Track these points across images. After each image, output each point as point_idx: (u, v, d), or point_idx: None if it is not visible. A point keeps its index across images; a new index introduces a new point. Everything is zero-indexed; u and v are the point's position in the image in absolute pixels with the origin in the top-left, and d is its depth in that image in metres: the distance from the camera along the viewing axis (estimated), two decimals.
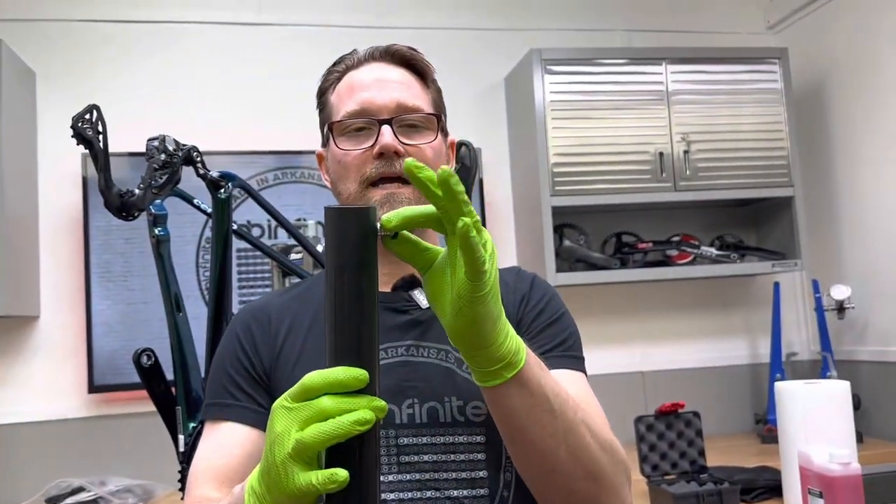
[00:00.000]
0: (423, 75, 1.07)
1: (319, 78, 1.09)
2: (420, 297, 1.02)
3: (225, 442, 0.96)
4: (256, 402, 0.98)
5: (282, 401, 0.67)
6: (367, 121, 1.00)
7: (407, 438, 0.94)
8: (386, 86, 1.01)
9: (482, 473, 0.95)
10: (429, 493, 0.93)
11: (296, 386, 0.66)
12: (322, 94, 1.08)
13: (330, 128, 1.03)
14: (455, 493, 0.93)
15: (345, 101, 1.02)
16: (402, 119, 1.00)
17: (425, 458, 0.94)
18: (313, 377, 0.65)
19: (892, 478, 2.53)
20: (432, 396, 0.96)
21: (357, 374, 0.66)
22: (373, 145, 0.98)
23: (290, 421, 0.65)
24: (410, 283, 1.03)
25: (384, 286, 1.01)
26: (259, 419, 0.96)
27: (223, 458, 0.95)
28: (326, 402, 0.64)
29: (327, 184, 1.08)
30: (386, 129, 0.98)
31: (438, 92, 1.10)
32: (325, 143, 1.07)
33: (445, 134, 1.09)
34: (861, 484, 1.56)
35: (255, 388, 0.99)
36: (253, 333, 1.01)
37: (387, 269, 1.03)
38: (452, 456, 0.95)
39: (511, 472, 0.98)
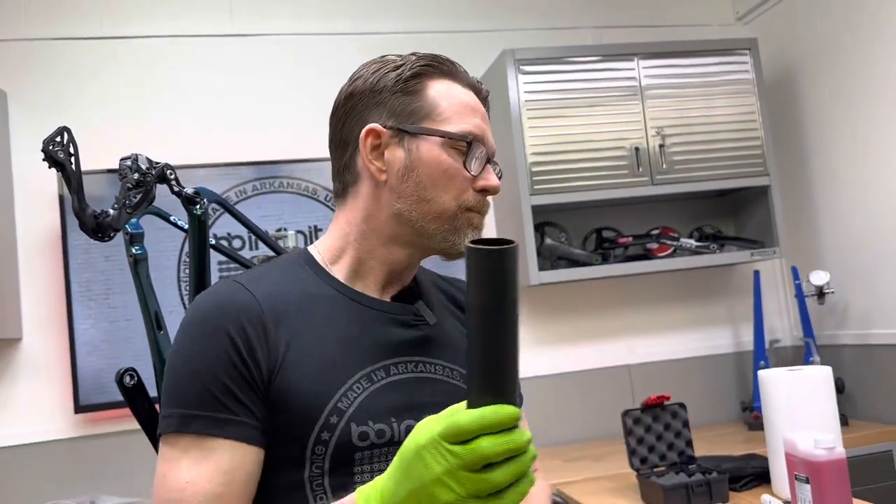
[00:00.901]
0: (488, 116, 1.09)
1: (412, 61, 1.00)
2: (426, 313, 1.02)
3: (225, 465, 0.86)
4: (255, 415, 0.88)
5: (433, 438, 0.69)
6: (487, 153, 1.00)
7: None
8: (487, 119, 1.04)
9: None
10: None
11: (447, 425, 0.69)
12: (406, 77, 0.99)
13: (451, 132, 0.97)
14: None
15: (461, 114, 0.99)
16: (493, 160, 1.03)
17: None
18: (469, 419, 0.68)
19: (877, 459, 2.58)
20: None
21: (513, 413, 0.69)
22: (477, 175, 0.99)
23: (451, 464, 0.68)
24: (409, 293, 1.03)
25: (383, 293, 1.01)
26: (258, 436, 0.89)
27: (225, 484, 0.86)
28: (486, 445, 0.67)
29: (370, 166, 0.98)
30: (491, 167, 1.01)
31: None
32: (397, 129, 0.97)
33: None
34: (846, 468, 1.59)
35: (253, 399, 0.88)
36: (248, 336, 0.89)
37: (394, 282, 1.03)
38: None
39: None
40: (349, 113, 1.01)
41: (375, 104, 0.99)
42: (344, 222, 1.02)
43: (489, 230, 2.97)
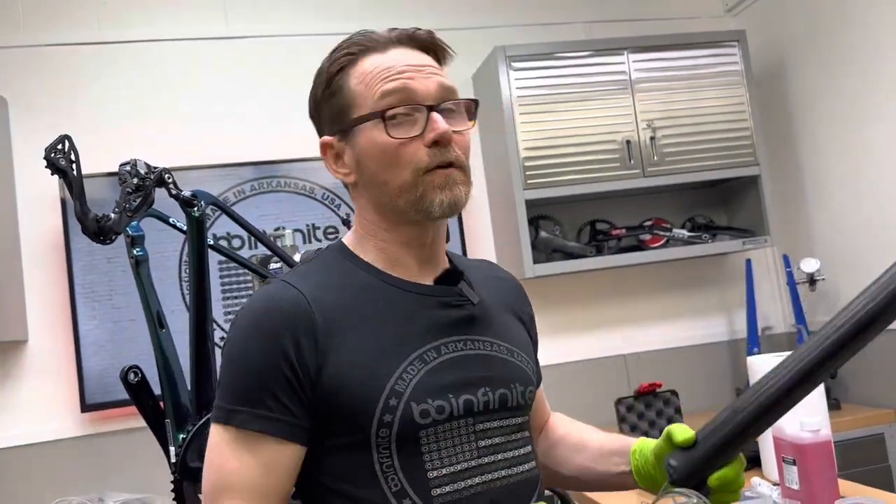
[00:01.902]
0: (444, 60, 1.04)
1: (326, 59, 1.03)
2: (469, 293, 1.04)
3: (265, 458, 0.91)
4: (294, 414, 0.92)
5: None
6: (414, 107, 0.96)
7: (482, 424, 0.99)
8: (422, 69, 0.98)
9: (530, 447, 1.06)
10: (503, 472, 0.99)
11: None
12: (330, 80, 1.01)
13: (365, 115, 0.97)
14: (521, 467, 1.02)
15: (377, 86, 0.97)
16: (445, 104, 0.98)
17: (497, 440, 1.00)
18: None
19: (869, 442, 2.63)
20: (501, 384, 1.02)
21: None
22: (420, 134, 0.95)
23: None
24: (451, 276, 1.04)
25: (425, 279, 1.03)
26: (298, 434, 0.93)
27: (265, 475, 0.92)
28: None
29: (338, 176, 1.03)
30: (436, 115, 0.95)
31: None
32: (340, 132, 1.01)
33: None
34: (832, 449, 1.63)
35: (295, 401, 0.92)
36: (299, 342, 0.92)
37: (422, 260, 1.04)
38: (515, 435, 1.03)
39: (534, 442, 1.11)
40: (318, 132, 1.06)
41: (321, 117, 1.04)
42: (357, 219, 1.06)
43: (485, 225, 3.02)
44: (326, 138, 1.02)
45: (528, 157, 2.74)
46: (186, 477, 1.45)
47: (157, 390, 1.55)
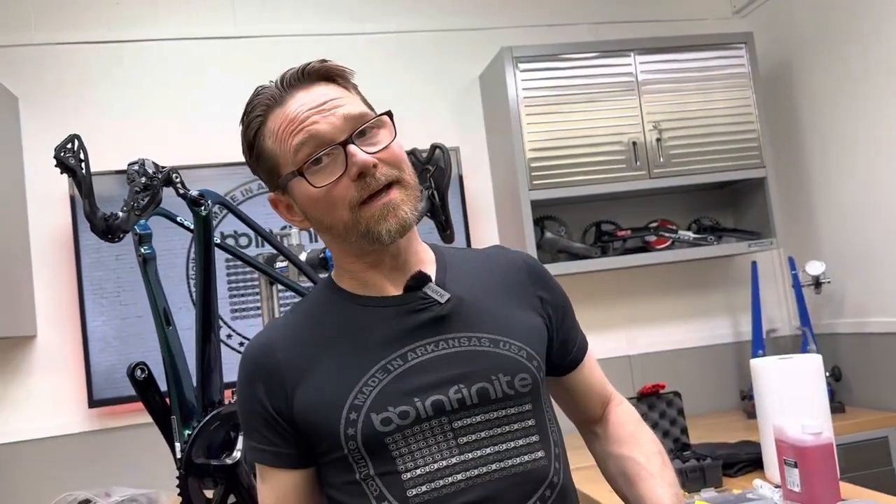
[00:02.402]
0: (343, 81, 1.06)
1: (240, 129, 1.07)
2: (436, 293, 1.03)
3: (277, 486, 1.05)
4: (288, 443, 1.03)
5: None
6: (329, 151, 0.98)
7: (460, 421, 1.00)
8: (323, 107, 1.00)
9: (535, 437, 1.03)
10: (493, 466, 0.99)
11: None
12: (252, 145, 1.05)
13: (289, 174, 1.00)
14: (517, 460, 1.01)
15: (288, 141, 0.99)
16: (357, 132, 0.99)
17: (482, 435, 1.00)
18: None
19: (874, 445, 2.63)
20: (480, 378, 1.01)
21: None
22: (344, 172, 0.97)
23: None
24: (420, 280, 1.04)
25: (394, 289, 1.05)
26: (296, 460, 1.04)
27: (280, 500, 1.05)
28: None
29: (295, 224, 1.07)
30: (351, 148, 0.97)
31: (356, 86, 1.08)
32: (279, 188, 1.04)
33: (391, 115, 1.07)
34: (833, 452, 1.64)
35: (280, 433, 1.03)
36: (266, 377, 1.03)
37: (393, 274, 1.06)
38: (506, 427, 1.01)
39: (556, 430, 1.08)
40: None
41: (260, 177, 1.08)
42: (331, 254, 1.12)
43: (490, 225, 3.03)
44: (271, 196, 1.07)
45: (534, 158, 2.74)
46: (191, 472, 1.47)
47: (163, 387, 1.57)
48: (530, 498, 1.00)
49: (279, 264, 1.93)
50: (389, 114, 1.03)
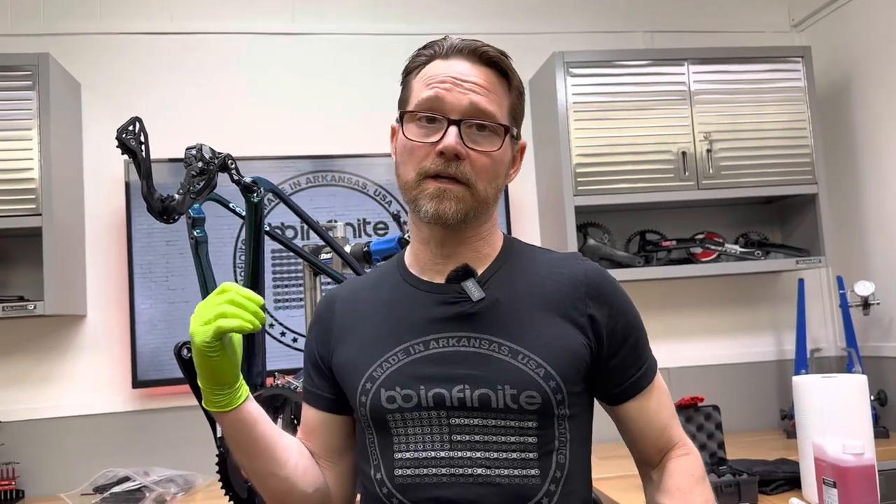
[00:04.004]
0: (506, 79, 1.09)
1: (409, 57, 1.12)
2: (472, 289, 1.04)
3: (308, 423, 1.18)
4: (328, 388, 1.14)
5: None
6: (434, 116, 1.04)
7: (458, 419, 1.02)
8: (464, 84, 1.04)
9: (532, 455, 1.01)
10: (479, 470, 1.00)
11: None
12: (406, 75, 1.11)
13: (403, 112, 1.07)
14: (505, 471, 1.00)
15: (422, 90, 1.05)
16: (472, 121, 1.03)
17: (476, 438, 1.01)
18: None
19: None
20: (485, 384, 1.01)
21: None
22: (437, 141, 1.02)
23: None
24: (463, 273, 1.06)
25: (440, 278, 1.08)
26: (330, 405, 1.15)
27: (306, 435, 1.18)
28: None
29: (394, 156, 1.12)
30: (452, 129, 1.02)
31: (520, 97, 1.11)
32: (399, 120, 1.09)
33: (516, 138, 1.12)
34: (875, 474, 1.60)
35: (322, 378, 1.15)
36: (321, 327, 1.16)
37: (440, 261, 1.09)
38: (503, 438, 1.01)
39: (564, 455, 1.04)
40: None
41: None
42: None
43: (533, 229, 3.03)
44: (393, 123, 1.12)
45: (580, 164, 2.74)
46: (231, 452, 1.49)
47: None
48: None
49: (324, 256, 1.96)
50: (507, 129, 1.06)
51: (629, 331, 1.12)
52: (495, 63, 1.07)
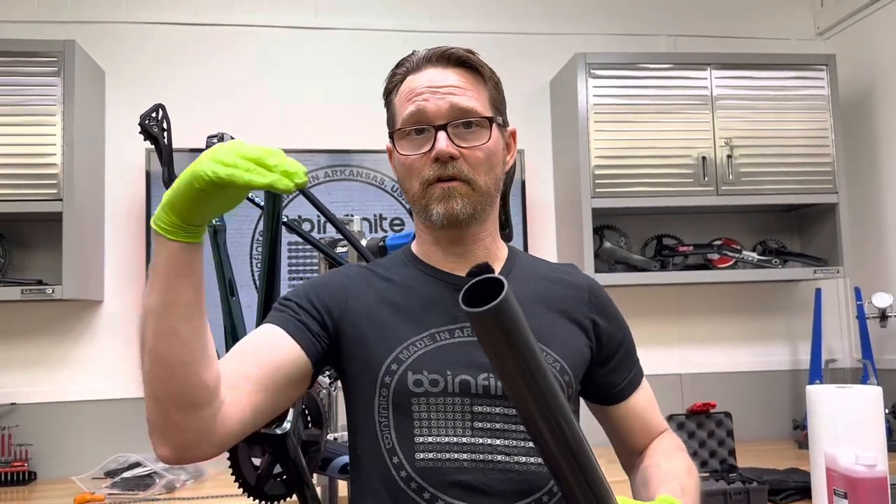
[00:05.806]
0: (479, 73, 1.13)
1: (385, 78, 1.18)
2: None
3: (264, 333, 1.06)
4: (312, 326, 1.06)
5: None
6: (422, 127, 1.09)
7: (480, 407, 1.04)
8: (440, 90, 1.09)
9: None
10: (498, 458, 1.03)
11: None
12: (387, 95, 1.17)
13: (393, 132, 1.13)
14: (523, 459, 1.04)
15: (404, 106, 1.11)
16: (457, 122, 1.08)
17: (497, 426, 1.04)
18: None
19: None
20: None
21: None
22: (430, 150, 1.08)
23: None
24: (482, 269, 1.06)
25: (460, 270, 1.12)
26: (307, 342, 1.05)
27: (242, 347, 1.05)
28: None
29: (396, 175, 1.17)
30: (441, 135, 1.07)
31: (497, 87, 1.16)
32: (391, 141, 1.16)
33: (504, 126, 1.16)
34: (887, 487, 1.59)
35: (312, 319, 1.07)
36: (337, 286, 1.12)
37: (452, 259, 1.13)
38: (522, 427, 1.04)
39: None
40: None
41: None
42: None
43: (550, 230, 3.02)
44: (387, 143, 1.17)
45: (599, 166, 2.73)
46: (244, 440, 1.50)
47: (222, 354, 1.61)
48: (525, 498, 1.03)
49: (339, 249, 1.97)
50: (492, 119, 1.11)
51: (624, 338, 1.23)
52: (464, 62, 1.12)
